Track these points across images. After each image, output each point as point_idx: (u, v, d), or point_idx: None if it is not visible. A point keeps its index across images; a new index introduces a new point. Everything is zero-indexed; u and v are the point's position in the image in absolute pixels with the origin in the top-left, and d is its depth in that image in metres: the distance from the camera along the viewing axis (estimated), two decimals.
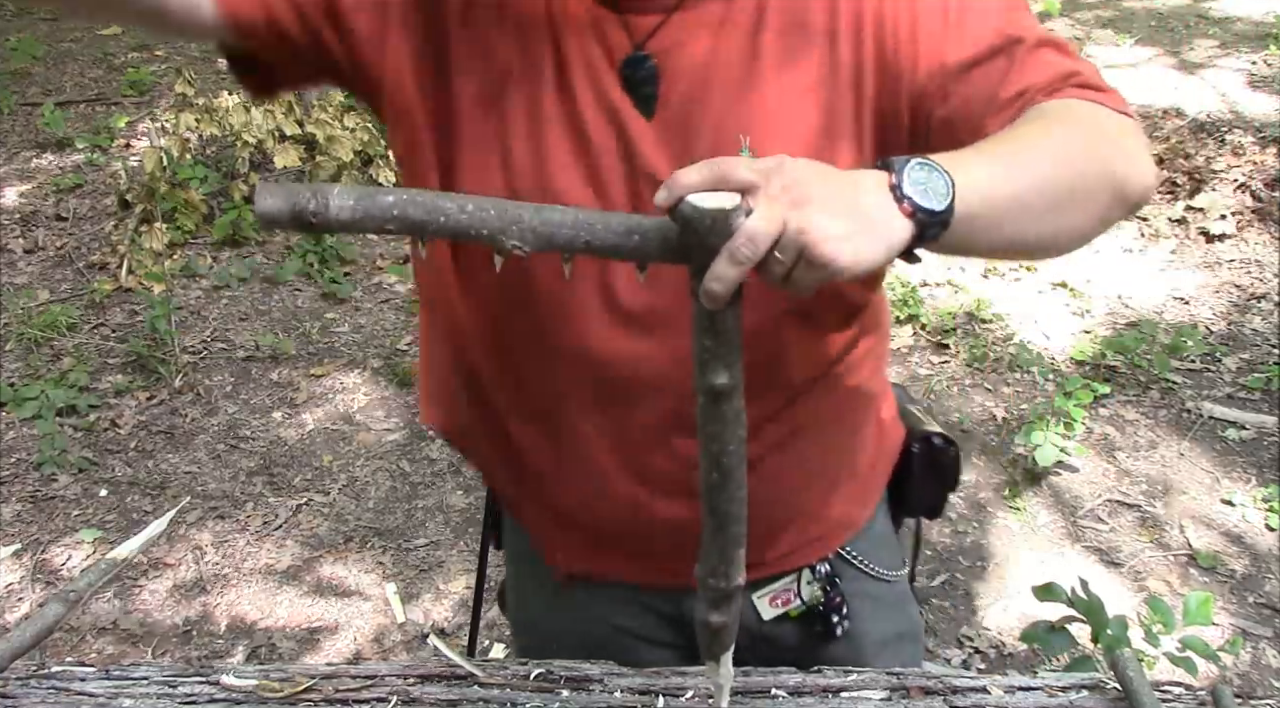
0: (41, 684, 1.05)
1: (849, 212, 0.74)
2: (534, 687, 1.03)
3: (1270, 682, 2.39)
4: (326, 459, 3.13)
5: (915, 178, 0.76)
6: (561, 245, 0.74)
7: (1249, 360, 3.47)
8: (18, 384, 3.35)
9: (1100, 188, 0.89)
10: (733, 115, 0.96)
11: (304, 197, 0.72)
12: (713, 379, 0.76)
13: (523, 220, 0.74)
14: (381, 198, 0.73)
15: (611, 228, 0.74)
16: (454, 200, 0.74)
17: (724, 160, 0.73)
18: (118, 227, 4.15)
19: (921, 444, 1.26)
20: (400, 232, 0.74)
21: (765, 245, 0.71)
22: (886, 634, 1.27)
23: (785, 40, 0.96)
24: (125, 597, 2.66)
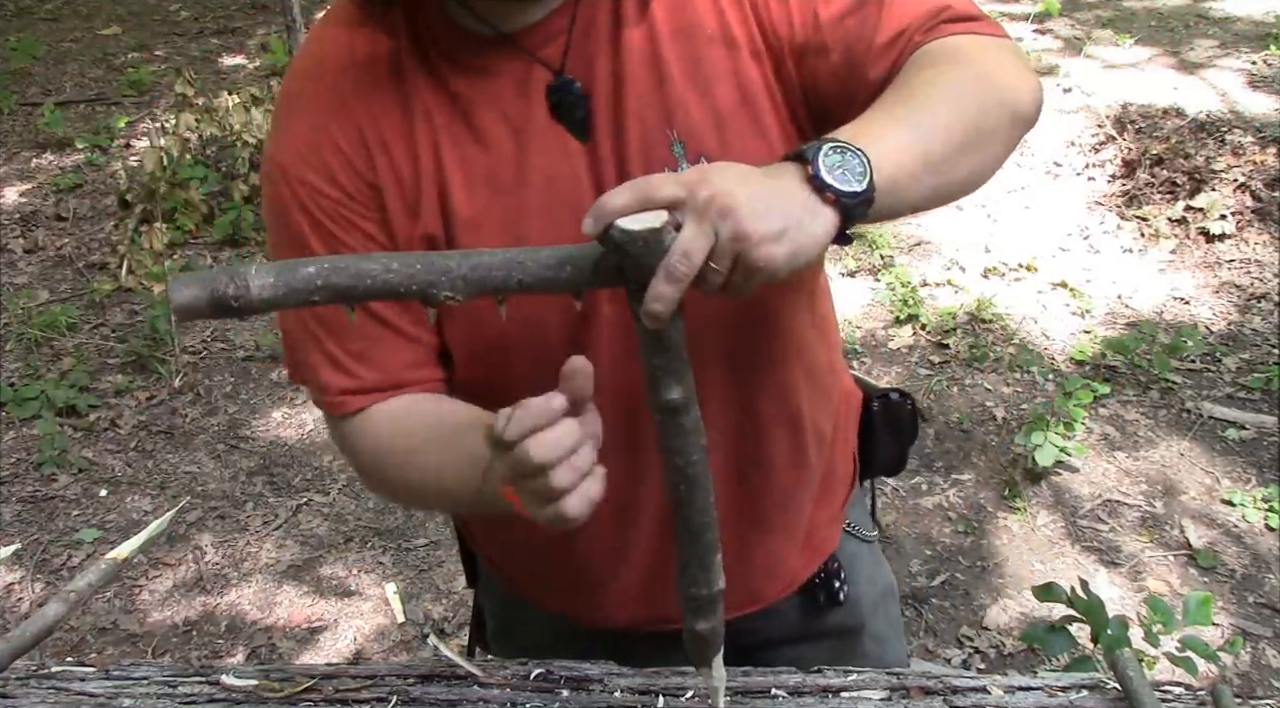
0: (41, 684, 1.05)
1: (776, 211, 0.74)
2: (534, 687, 1.04)
3: (1270, 682, 2.39)
4: (326, 459, 3.13)
5: (830, 163, 0.77)
6: (495, 288, 0.73)
7: (1249, 360, 3.47)
8: (18, 384, 3.35)
9: (999, 118, 0.91)
10: (653, 112, 0.96)
11: (221, 282, 0.69)
12: (666, 395, 0.76)
13: (451, 270, 0.72)
14: (303, 270, 0.70)
15: (542, 263, 0.73)
16: (378, 260, 0.72)
17: (646, 180, 0.73)
18: (118, 227, 4.15)
19: (880, 402, 1.27)
20: (329, 301, 0.71)
21: (699, 259, 0.72)
22: (875, 594, 1.30)
23: (678, 24, 0.96)
24: (125, 597, 2.66)
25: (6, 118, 5.15)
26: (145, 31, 6.35)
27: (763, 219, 0.73)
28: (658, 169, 0.95)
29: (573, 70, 0.95)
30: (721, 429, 1.05)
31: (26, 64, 5.72)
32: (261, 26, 6.37)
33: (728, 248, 0.72)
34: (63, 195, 4.47)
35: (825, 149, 0.78)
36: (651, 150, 0.96)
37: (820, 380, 1.15)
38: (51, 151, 4.82)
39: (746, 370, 1.06)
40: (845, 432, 1.25)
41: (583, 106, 0.96)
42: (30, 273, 4.01)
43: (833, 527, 1.25)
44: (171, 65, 5.57)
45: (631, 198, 0.72)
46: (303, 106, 0.99)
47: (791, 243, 0.74)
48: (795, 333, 1.10)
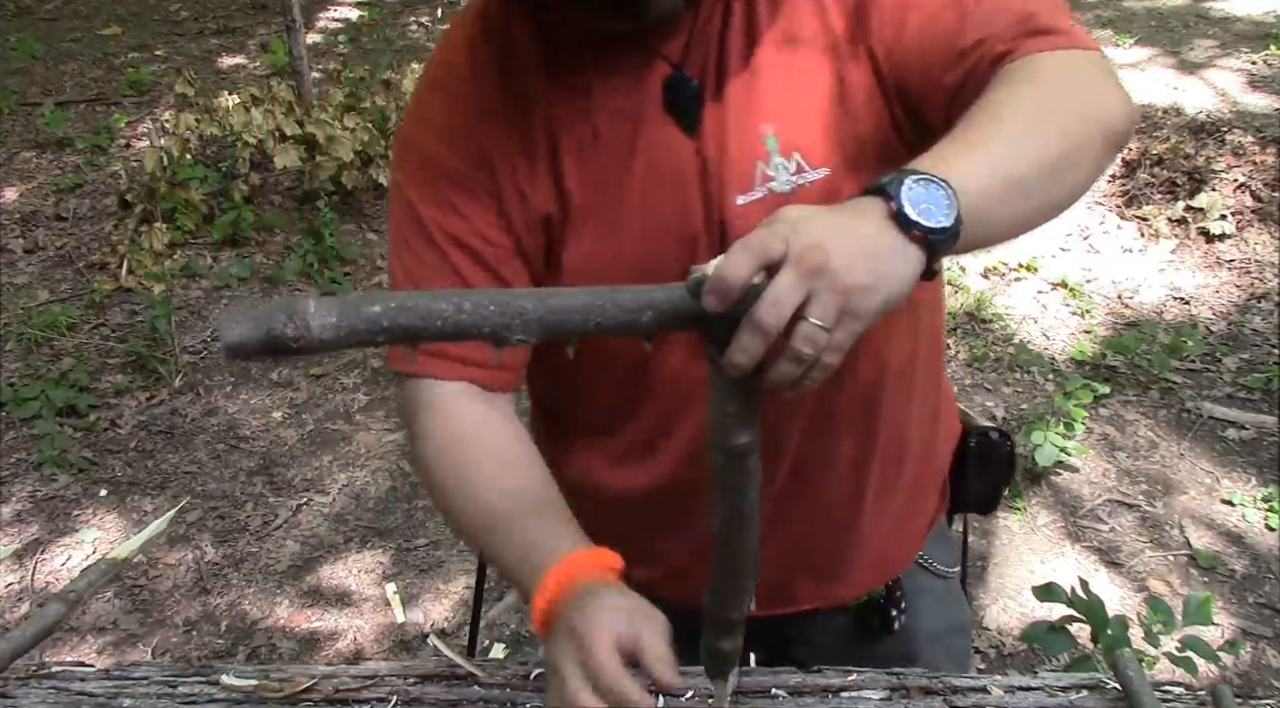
0: (41, 684, 1.05)
1: (866, 258, 0.72)
2: (534, 687, 1.03)
3: (1270, 682, 2.39)
4: (326, 459, 3.13)
5: (914, 198, 0.75)
6: (570, 332, 0.70)
7: (1249, 360, 3.47)
8: (18, 384, 3.35)
9: (1088, 138, 0.88)
10: (751, 108, 0.98)
11: (278, 321, 0.63)
12: (733, 441, 0.74)
13: (526, 313, 0.68)
14: (367, 308, 0.66)
15: (622, 306, 0.70)
16: (449, 300, 0.68)
17: (758, 241, 0.71)
18: (118, 227, 4.15)
19: (979, 439, 1.26)
20: (393, 342, 0.68)
21: (789, 311, 0.70)
22: (939, 628, 1.28)
23: (780, 25, 0.98)
24: (125, 597, 2.66)
25: (6, 118, 5.15)
26: (145, 31, 6.35)
27: (859, 267, 0.71)
28: (752, 166, 0.98)
29: (691, 66, 0.99)
30: (792, 418, 1.07)
31: (26, 64, 5.72)
32: (261, 26, 6.37)
33: (830, 299, 0.70)
34: (63, 195, 4.47)
35: (908, 182, 0.75)
36: (748, 144, 0.98)
37: (911, 391, 1.15)
38: (51, 151, 4.82)
39: None
40: (936, 458, 1.24)
41: (695, 101, 0.99)
42: (30, 273, 4.01)
43: (903, 551, 1.24)
44: (171, 65, 5.57)
45: (754, 266, 0.70)
46: (439, 89, 1.06)
47: (884, 291, 0.73)
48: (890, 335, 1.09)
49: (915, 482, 1.22)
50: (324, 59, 5.81)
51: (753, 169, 0.98)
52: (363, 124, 4.29)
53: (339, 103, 4.37)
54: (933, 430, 1.22)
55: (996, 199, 0.81)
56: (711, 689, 1.03)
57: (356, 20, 6.46)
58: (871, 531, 1.19)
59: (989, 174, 0.81)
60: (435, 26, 6.22)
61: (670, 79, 0.99)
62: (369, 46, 6.04)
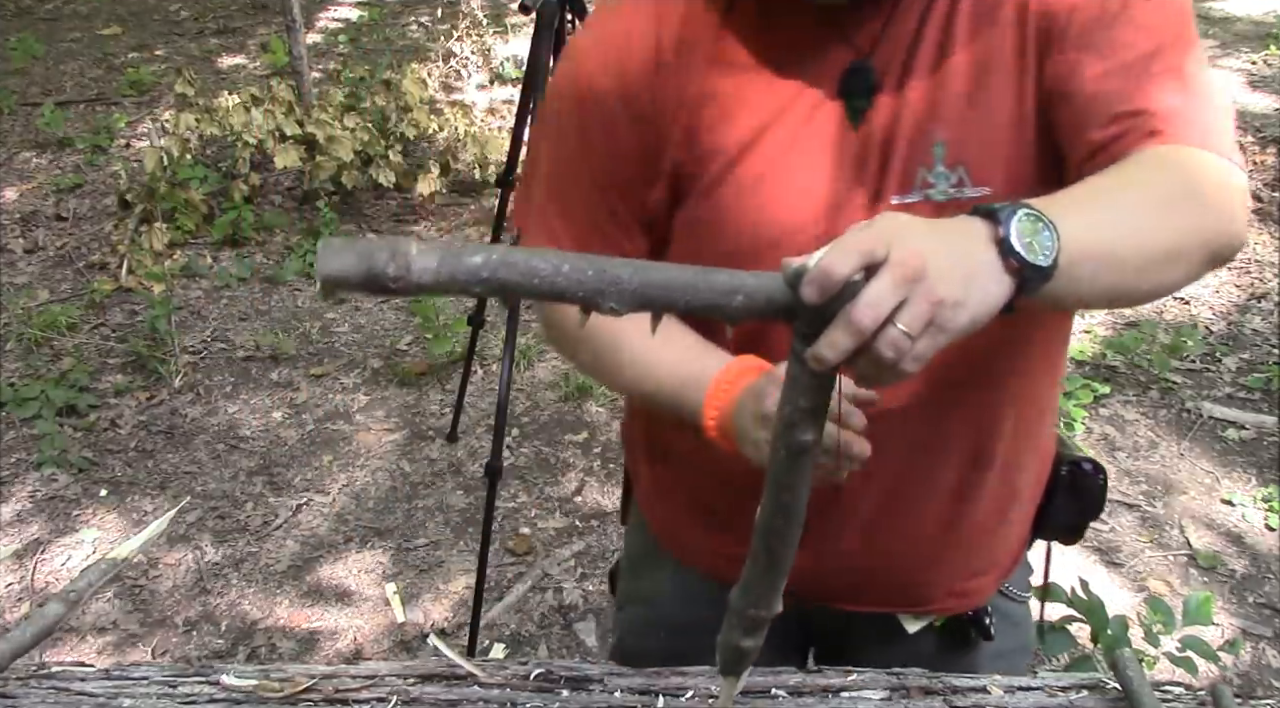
0: (41, 684, 1.05)
1: (962, 274, 0.73)
2: (534, 687, 1.03)
3: (1270, 682, 2.39)
4: (326, 459, 3.13)
5: (1022, 230, 0.75)
6: (662, 307, 0.70)
7: (1249, 360, 3.47)
8: (18, 384, 3.35)
9: (1195, 248, 0.88)
10: (927, 111, 0.97)
11: (380, 258, 0.65)
12: (800, 437, 0.75)
13: (621, 282, 0.69)
14: (469, 260, 0.66)
15: (715, 288, 0.71)
16: (549, 260, 0.68)
17: (863, 240, 0.72)
18: (118, 227, 4.15)
19: (1070, 467, 1.24)
20: (488, 295, 0.68)
21: (885, 312, 0.70)
22: (1006, 648, 1.26)
23: (975, 29, 0.97)
24: (125, 597, 2.66)
25: (6, 118, 5.15)
26: (145, 31, 6.35)
27: (954, 282, 0.72)
28: (915, 169, 0.97)
29: (876, 59, 0.98)
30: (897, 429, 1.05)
31: (26, 64, 5.72)
32: (261, 26, 6.37)
33: (922, 308, 0.71)
34: (63, 195, 4.47)
35: (1020, 215, 0.76)
36: (916, 147, 0.97)
37: (1031, 430, 1.13)
38: (51, 152, 4.82)
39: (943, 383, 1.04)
40: (1036, 494, 1.23)
41: (871, 93, 0.98)
42: (30, 273, 4.01)
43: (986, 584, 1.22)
44: (171, 65, 5.57)
45: (857, 264, 0.70)
46: (614, 16, 1.06)
47: (972, 310, 0.74)
48: (1014, 358, 1.08)
49: (1013, 522, 1.20)
50: (324, 59, 5.81)
51: (915, 173, 0.98)
52: (363, 124, 4.29)
53: (339, 103, 4.37)
54: (1040, 469, 1.21)
55: (1092, 265, 0.81)
56: (712, 690, 1.03)
57: (356, 20, 6.46)
58: (959, 562, 1.17)
59: (1095, 240, 0.81)
60: (435, 26, 6.22)
61: (852, 66, 0.98)
62: (369, 46, 6.04)
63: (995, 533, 1.18)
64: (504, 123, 4.86)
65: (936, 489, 1.11)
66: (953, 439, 1.09)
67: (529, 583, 2.70)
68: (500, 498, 2.89)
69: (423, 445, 3.18)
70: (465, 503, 2.97)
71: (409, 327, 3.70)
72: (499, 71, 5.47)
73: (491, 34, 5.81)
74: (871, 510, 1.11)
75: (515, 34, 5.91)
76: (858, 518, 1.12)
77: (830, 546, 1.13)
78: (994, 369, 1.06)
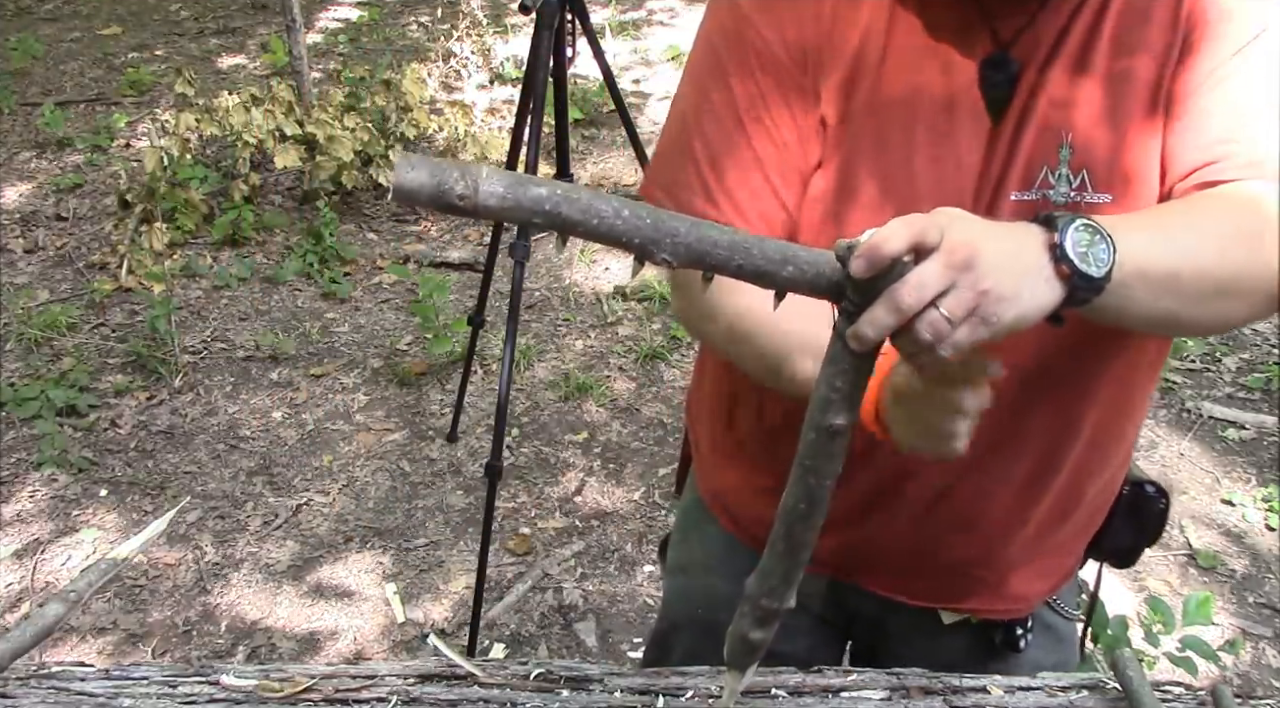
0: (41, 684, 1.05)
1: (1013, 272, 0.74)
2: (534, 687, 1.03)
3: (1270, 682, 2.39)
4: (326, 459, 3.13)
5: (1078, 240, 0.76)
6: (713, 265, 0.72)
7: (1249, 360, 3.47)
8: (18, 384, 3.35)
9: (1256, 285, 0.88)
10: (1060, 114, 0.96)
11: (451, 176, 0.67)
12: (833, 419, 0.75)
13: (678, 234, 0.70)
14: (534, 189, 0.68)
15: (767, 255, 0.72)
16: (610, 203, 0.70)
17: (918, 222, 0.72)
18: (118, 227, 4.15)
19: (1132, 489, 1.22)
20: (547, 227, 0.70)
21: (930, 295, 0.71)
22: (1044, 663, 1.24)
23: (1125, 27, 0.95)
24: (125, 597, 2.66)
25: (6, 118, 5.15)
26: (145, 31, 6.35)
27: (1001, 277, 0.73)
28: (1038, 168, 0.96)
29: (1017, 51, 0.96)
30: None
31: (26, 64, 5.72)
32: (261, 26, 6.37)
33: (967, 296, 0.72)
34: (63, 195, 4.47)
35: (1078, 224, 0.76)
36: (1044, 145, 0.96)
37: (1108, 446, 1.11)
38: (51, 151, 4.82)
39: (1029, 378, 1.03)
40: (1101, 512, 1.21)
41: (1010, 85, 0.96)
42: (30, 273, 4.01)
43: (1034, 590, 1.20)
44: (171, 65, 5.57)
45: (908, 242, 0.71)
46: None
47: (1017, 308, 0.74)
48: (1103, 366, 1.06)
49: (1074, 531, 1.18)
50: (324, 59, 5.81)
51: (1038, 171, 0.97)
52: (363, 124, 4.29)
53: (339, 103, 4.37)
54: (1111, 481, 1.19)
55: (1149, 286, 0.81)
56: (713, 690, 1.03)
57: (356, 20, 6.46)
58: (1015, 565, 1.16)
59: (1155, 262, 0.81)
60: (435, 26, 6.22)
61: (993, 58, 0.96)
62: (369, 46, 6.04)
63: (1050, 539, 1.16)
64: (504, 123, 4.86)
65: (1004, 485, 1.10)
66: (1030, 438, 1.07)
67: (529, 583, 2.70)
68: (500, 498, 2.89)
69: (423, 445, 3.18)
70: (465, 503, 2.97)
71: (409, 327, 3.70)
72: (499, 71, 5.47)
73: (491, 34, 5.81)
74: (933, 496, 1.10)
75: (515, 34, 5.91)
76: (918, 502, 1.11)
77: (884, 526, 1.13)
78: (1082, 372, 1.04)
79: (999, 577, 1.17)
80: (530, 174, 0.73)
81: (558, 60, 2.48)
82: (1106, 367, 1.05)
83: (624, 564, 2.77)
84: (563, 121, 2.67)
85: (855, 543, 1.17)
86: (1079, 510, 1.16)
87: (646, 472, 3.08)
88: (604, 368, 3.52)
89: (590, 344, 3.63)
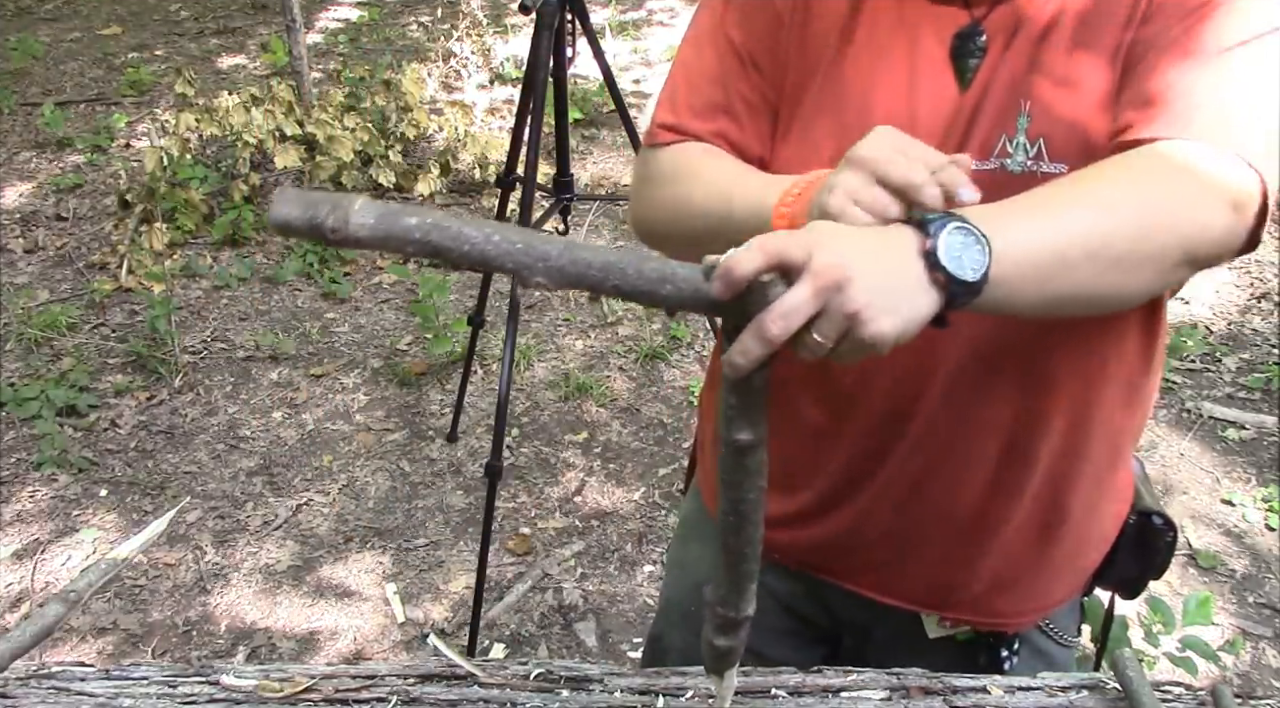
0: (41, 684, 1.05)
1: (888, 287, 0.72)
2: (534, 687, 1.03)
3: (1270, 682, 2.39)
4: (326, 459, 3.13)
5: (951, 244, 0.74)
6: (589, 286, 0.71)
7: (1249, 360, 3.47)
8: (18, 384, 3.35)
9: (1165, 248, 0.85)
10: (1021, 82, 0.96)
11: (323, 209, 0.69)
12: (736, 435, 0.75)
13: (550, 257, 0.70)
14: (404, 220, 0.69)
15: (644, 275, 0.71)
16: (482, 230, 0.70)
17: (777, 242, 0.71)
18: (118, 227, 4.15)
19: (1139, 518, 1.20)
20: (420, 255, 0.71)
21: (797, 324, 0.70)
22: None
23: (1092, 7, 0.95)
24: (125, 597, 2.66)
25: (6, 118, 5.15)
26: (145, 31, 6.35)
27: (876, 295, 0.71)
28: (997, 136, 0.96)
29: (990, 23, 0.97)
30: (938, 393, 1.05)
31: (26, 64, 5.72)
32: (261, 26, 6.37)
33: (839, 321, 0.71)
34: (63, 195, 4.47)
35: (951, 227, 0.75)
36: (1003, 114, 0.96)
37: (1082, 436, 1.09)
38: (51, 151, 4.82)
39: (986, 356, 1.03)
40: (1094, 532, 1.19)
41: (978, 59, 0.97)
42: (30, 273, 4.01)
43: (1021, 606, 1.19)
44: (171, 65, 5.57)
45: (763, 262, 0.70)
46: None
47: (897, 320, 0.72)
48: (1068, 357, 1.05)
49: (1062, 557, 1.16)
50: (324, 59, 5.81)
51: (997, 140, 0.96)
52: (363, 124, 4.29)
53: (339, 103, 4.37)
54: (1102, 506, 1.17)
55: (1038, 275, 0.79)
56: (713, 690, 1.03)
57: (356, 20, 6.46)
58: (997, 578, 1.15)
59: (1040, 248, 0.80)
60: (435, 26, 6.22)
61: (965, 29, 0.97)
62: (369, 46, 6.04)
63: (1034, 553, 1.15)
64: (504, 123, 4.86)
65: (973, 470, 1.09)
66: (993, 412, 1.06)
67: (529, 583, 2.70)
68: (500, 498, 2.89)
69: (423, 445, 3.18)
70: (465, 503, 2.97)
71: (409, 327, 3.70)
72: (499, 71, 5.47)
73: (491, 34, 5.81)
74: (905, 481, 1.10)
75: (515, 34, 5.91)
76: (892, 486, 1.11)
77: (860, 515, 1.13)
78: (1042, 358, 1.03)
79: (981, 587, 1.16)
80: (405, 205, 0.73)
81: (558, 60, 2.48)
82: (1069, 362, 1.04)
83: (624, 564, 2.77)
84: (563, 121, 2.67)
85: (833, 535, 1.17)
86: (1063, 529, 1.14)
87: (646, 472, 3.08)
88: (604, 368, 3.52)
89: (590, 344, 3.63)
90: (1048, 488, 1.10)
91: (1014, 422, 1.06)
